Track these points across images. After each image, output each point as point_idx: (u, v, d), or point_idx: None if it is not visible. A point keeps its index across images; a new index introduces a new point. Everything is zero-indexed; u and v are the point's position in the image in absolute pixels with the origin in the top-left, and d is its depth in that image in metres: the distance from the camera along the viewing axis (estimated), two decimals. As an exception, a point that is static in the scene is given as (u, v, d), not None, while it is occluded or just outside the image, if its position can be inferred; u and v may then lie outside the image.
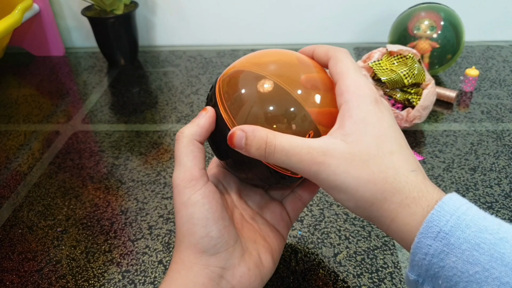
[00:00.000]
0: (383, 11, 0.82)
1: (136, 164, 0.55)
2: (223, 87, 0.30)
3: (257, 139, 0.27)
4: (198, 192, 0.29)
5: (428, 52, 0.66)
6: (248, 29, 0.87)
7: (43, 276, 0.40)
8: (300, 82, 0.29)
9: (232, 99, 0.29)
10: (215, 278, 0.29)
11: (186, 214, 0.29)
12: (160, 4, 0.85)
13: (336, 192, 0.26)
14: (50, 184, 0.52)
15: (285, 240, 0.35)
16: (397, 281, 0.38)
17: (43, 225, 0.46)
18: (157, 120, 0.64)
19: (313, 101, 0.29)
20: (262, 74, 0.29)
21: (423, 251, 0.23)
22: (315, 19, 0.84)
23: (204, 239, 0.29)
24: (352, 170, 0.25)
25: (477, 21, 0.81)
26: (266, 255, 0.32)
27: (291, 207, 0.36)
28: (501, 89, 0.67)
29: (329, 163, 0.25)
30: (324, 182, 0.26)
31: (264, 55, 0.32)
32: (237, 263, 0.30)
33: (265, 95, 0.28)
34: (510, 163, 0.51)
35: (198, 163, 0.29)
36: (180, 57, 0.84)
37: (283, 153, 0.26)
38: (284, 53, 0.32)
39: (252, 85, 0.29)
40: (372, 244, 0.42)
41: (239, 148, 0.27)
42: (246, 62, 0.31)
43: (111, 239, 0.44)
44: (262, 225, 0.34)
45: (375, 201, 0.26)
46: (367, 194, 0.25)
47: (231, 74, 0.31)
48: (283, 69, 0.30)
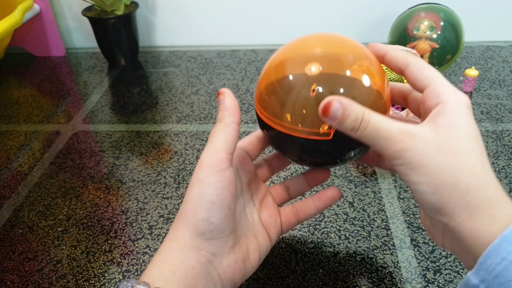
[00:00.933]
0: (382, 12, 0.82)
1: (136, 164, 0.55)
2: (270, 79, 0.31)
3: (355, 112, 0.27)
4: (216, 174, 0.29)
5: (427, 53, 0.66)
6: (248, 30, 0.87)
7: (44, 276, 0.40)
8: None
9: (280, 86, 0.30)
10: (204, 263, 0.30)
11: (197, 191, 0.29)
12: (160, 4, 0.85)
13: (416, 173, 0.26)
14: (51, 184, 0.52)
15: (272, 244, 0.35)
16: (397, 281, 0.38)
17: (44, 225, 0.46)
18: (157, 120, 0.64)
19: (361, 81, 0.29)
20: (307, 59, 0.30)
21: (500, 256, 0.22)
22: (315, 20, 0.85)
23: (204, 222, 0.29)
24: (439, 155, 0.25)
25: (477, 21, 0.81)
26: (254, 252, 0.33)
27: (285, 218, 0.36)
28: (500, 90, 0.67)
29: (417, 144, 0.26)
30: (407, 161, 0.26)
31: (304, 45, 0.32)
32: (226, 252, 0.31)
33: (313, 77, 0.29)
34: (509, 163, 0.51)
35: (228, 146, 0.30)
36: (181, 57, 0.84)
37: (374, 127, 0.26)
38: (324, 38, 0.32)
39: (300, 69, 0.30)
40: (372, 244, 0.42)
41: (331, 118, 0.27)
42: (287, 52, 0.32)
43: (112, 239, 0.44)
44: (257, 223, 0.35)
45: (455, 190, 0.25)
46: (450, 180, 0.25)
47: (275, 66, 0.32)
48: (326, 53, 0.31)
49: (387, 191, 0.48)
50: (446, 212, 0.26)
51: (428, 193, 0.26)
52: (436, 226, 0.29)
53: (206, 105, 0.67)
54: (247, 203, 0.35)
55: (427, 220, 0.30)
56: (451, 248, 0.28)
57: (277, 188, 0.38)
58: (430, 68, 0.29)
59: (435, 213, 0.27)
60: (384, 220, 0.44)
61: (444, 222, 0.26)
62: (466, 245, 0.25)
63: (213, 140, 0.30)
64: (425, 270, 0.39)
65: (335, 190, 0.36)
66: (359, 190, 0.49)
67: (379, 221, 0.44)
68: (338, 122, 0.27)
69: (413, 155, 0.26)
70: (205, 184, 0.29)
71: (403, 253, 0.41)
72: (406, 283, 0.38)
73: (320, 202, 0.36)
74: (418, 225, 0.44)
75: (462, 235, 0.25)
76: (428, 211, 0.28)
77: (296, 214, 0.36)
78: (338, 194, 0.36)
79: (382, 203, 0.47)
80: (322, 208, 0.36)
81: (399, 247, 0.41)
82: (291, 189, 0.38)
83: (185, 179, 0.52)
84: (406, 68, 0.30)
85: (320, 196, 0.36)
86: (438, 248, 0.41)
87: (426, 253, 0.41)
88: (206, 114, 0.65)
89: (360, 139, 0.27)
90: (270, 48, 0.85)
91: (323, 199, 0.36)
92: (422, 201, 0.27)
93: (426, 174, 0.26)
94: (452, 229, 0.26)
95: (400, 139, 0.26)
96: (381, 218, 0.45)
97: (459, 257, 0.28)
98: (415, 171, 0.26)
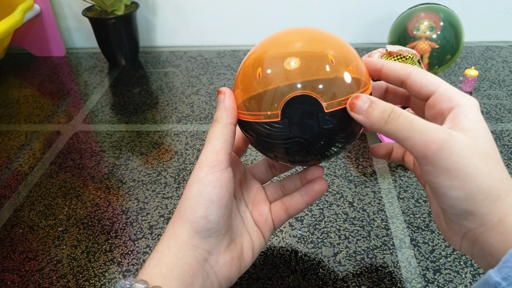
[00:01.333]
0: (382, 12, 0.82)
1: (136, 164, 0.55)
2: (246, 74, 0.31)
3: (383, 104, 0.27)
4: (215, 173, 0.29)
5: (427, 53, 0.66)
6: (248, 30, 0.87)
7: (44, 276, 0.40)
8: None
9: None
10: (201, 261, 0.30)
11: (196, 189, 0.30)
12: (160, 4, 0.86)
13: (450, 176, 0.25)
14: (51, 184, 0.52)
15: (266, 242, 0.36)
16: (397, 281, 0.38)
17: (44, 224, 0.46)
18: (157, 120, 0.64)
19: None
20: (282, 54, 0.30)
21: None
22: (315, 20, 0.85)
23: (202, 220, 0.29)
24: (475, 159, 0.25)
25: (477, 21, 0.82)
26: (248, 250, 0.34)
27: (276, 215, 0.36)
28: (500, 90, 0.67)
29: (454, 144, 0.25)
30: (443, 162, 0.25)
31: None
32: (222, 251, 0.31)
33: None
34: (509, 163, 0.51)
35: (226, 147, 0.30)
36: (181, 57, 0.84)
37: (407, 119, 0.26)
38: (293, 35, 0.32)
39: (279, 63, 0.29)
40: (371, 244, 0.42)
41: (358, 112, 0.27)
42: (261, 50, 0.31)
43: (112, 239, 0.44)
44: (250, 221, 0.35)
45: (488, 196, 0.25)
46: (484, 186, 0.25)
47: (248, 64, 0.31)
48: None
49: (387, 191, 0.48)
50: (477, 217, 0.26)
51: (461, 199, 0.26)
52: (455, 230, 0.28)
53: (206, 105, 0.67)
54: (239, 202, 0.35)
55: (443, 223, 0.30)
56: (469, 251, 0.28)
57: (272, 187, 0.38)
58: (433, 75, 0.30)
59: (462, 219, 0.27)
60: (384, 220, 0.45)
61: (471, 227, 0.26)
62: (492, 248, 0.26)
63: (212, 141, 0.30)
64: (425, 270, 0.39)
65: (321, 182, 0.36)
66: (359, 190, 0.49)
67: (379, 221, 0.44)
68: (365, 115, 0.27)
69: (449, 156, 0.25)
70: (205, 183, 0.29)
71: (403, 253, 0.41)
72: (406, 283, 0.38)
73: (308, 196, 0.36)
74: (417, 225, 0.44)
75: (490, 239, 0.26)
76: (453, 216, 0.27)
77: (285, 210, 0.36)
78: (324, 186, 0.36)
79: (382, 203, 0.47)
80: (311, 201, 0.36)
81: (399, 247, 0.42)
82: (286, 188, 0.38)
83: (185, 179, 0.52)
84: (408, 77, 0.30)
85: (307, 190, 0.36)
86: (437, 248, 0.41)
87: (426, 253, 0.41)
88: (206, 114, 0.65)
89: (391, 132, 0.26)
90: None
91: (310, 193, 0.36)
92: (451, 206, 0.26)
93: (462, 178, 0.25)
94: (479, 234, 0.26)
95: (436, 136, 0.25)
96: (381, 218, 0.45)
97: (477, 260, 0.28)
98: (449, 174, 0.25)
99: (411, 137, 0.26)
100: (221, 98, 0.31)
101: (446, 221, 0.29)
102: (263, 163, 0.38)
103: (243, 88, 0.31)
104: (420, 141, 0.26)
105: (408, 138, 0.26)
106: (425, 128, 0.26)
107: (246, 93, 0.30)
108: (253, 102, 0.30)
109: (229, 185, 0.30)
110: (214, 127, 0.31)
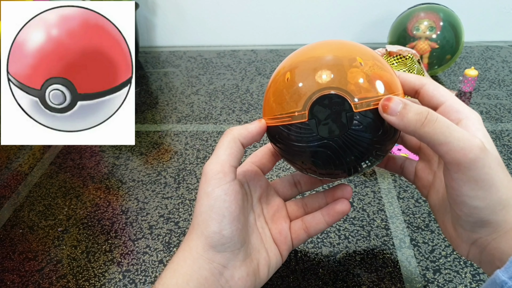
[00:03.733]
0: (382, 12, 0.82)
1: (136, 164, 0.55)
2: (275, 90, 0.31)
3: (417, 107, 0.26)
4: (222, 187, 0.29)
5: (427, 53, 0.66)
6: (248, 30, 0.87)
7: (44, 276, 0.40)
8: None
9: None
10: (216, 274, 0.30)
11: (207, 204, 0.30)
12: (160, 4, 0.85)
13: (477, 186, 0.26)
14: (51, 184, 0.52)
15: (283, 260, 0.35)
16: (397, 281, 0.38)
17: (44, 225, 0.46)
18: (157, 120, 0.64)
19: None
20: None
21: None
22: (315, 20, 0.85)
23: (216, 235, 0.29)
24: (500, 172, 0.26)
25: (476, 21, 0.82)
26: (264, 266, 0.33)
27: (295, 234, 0.36)
28: (500, 90, 0.67)
29: (486, 155, 0.25)
30: (475, 172, 0.25)
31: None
32: (238, 265, 0.31)
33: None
34: (509, 163, 0.51)
35: (232, 160, 0.30)
36: (181, 57, 0.84)
37: (445, 124, 0.26)
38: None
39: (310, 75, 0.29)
40: (371, 244, 0.42)
41: (391, 113, 0.27)
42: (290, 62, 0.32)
43: (112, 239, 0.44)
44: (268, 238, 0.35)
45: (506, 206, 0.26)
46: (504, 196, 0.26)
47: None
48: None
49: (387, 191, 0.48)
50: (492, 225, 0.27)
51: (481, 208, 0.26)
52: (464, 237, 0.29)
53: (206, 105, 0.67)
54: (257, 218, 0.35)
55: (452, 230, 0.30)
56: (477, 258, 0.29)
57: (294, 204, 0.37)
58: (444, 88, 0.30)
59: (477, 226, 0.27)
60: (383, 220, 0.45)
61: (483, 234, 0.27)
62: (502, 253, 0.26)
63: (218, 151, 0.31)
64: (425, 269, 0.39)
65: (344, 202, 0.35)
66: (359, 190, 0.49)
67: (378, 221, 0.44)
68: (399, 117, 0.26)
69: (482, 167, 0.25)
70: (213, 197, 0.29)
71: (403, 252, 0.41)
72: (406, 283, 0.38)
73: (329, 217, 0.35)
74: (417, 224, 0.44)
75: (501, 244, 0.26)
76: (467, 224, 0.28)
77: (306, 230, 0.36)
78: (347, 207, 0.35)
79: (381, 203, 0.47)
80: (332, 222, 0.36)
81: (398, 246, 0.42)
82: (309, 206, 0.37)
83: (185, 179, 0.52)
84: (422, 87, 0.31)
85: (329, 210, 0.35)
86: (437, 248, 0.41)
87: (425, 253, 0.41)
88: (206, 114, 0.65)
89: (427, 136, 0.26)
90: (270, 48, 0.85)
91: (332, 214, 0.35)
92: (468, 214, 0.27)
93: (487, 189, 0.26)
94: (491, 240, 0.27)
95: (472, 144, 0.25)
96: (381, 217, 0.45)
97: (485, 266, 0.29)
98: (476, 184, 0.26)
99: (448, 142, 0.25)
100: (254, 122, 0.31)
101: (455, 228, 0.30)
102: (287, 179, 0.38)
103: (271, 94, 0.31)
104: (457, 147, 0.25)
105: (445, 143, 0.26)
106: (462, 135, 0.26)
107: (274, 99, 0.30)
108: (280, 105, 0.30)
109: (238, 198, 0.30)
110: (225, 136, 0.31)
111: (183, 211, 0.47)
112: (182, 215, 0.47)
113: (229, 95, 0.69)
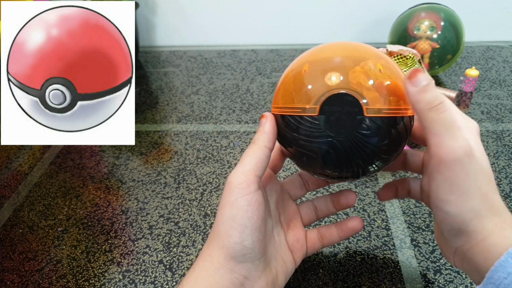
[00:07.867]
0: (383, 12, 0.82)
1: (136, 164, 0.55)
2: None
3: (437, 92, 0.26)
4: (246, 197, 0.29)
5: (428, 53, 0.66)
6: (249, 29, 0.87)
7: (44, 276, 0.40)
8: None
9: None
10: (237, 285, 0.30)
11: (229, 213, 0.29)
12: (160, 4, 0.85)
13: (451, 190, 0.26)
14: (51, 184, 0.52)
15: (296, 266, 0.35)
16: (397, 281, 0.38)
17: (44, 224, 0.46)
18: (157, 120, 0.64)
19: None
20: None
21: (507, 270, 0.24)
22: (315, 19, 0.85)
23: (237, 245, 0.29)
24: (480, 180, 0.26)
25: (477, 21, 0.81)
26: (282, 274, 0.33)
27: (311, 243, 0.36)
28: (501, 90, 0.67)
29: (472, 162, 0.26)
30: (451, 173, 0.26)
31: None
32: (258, 276, 0.31)
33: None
34: (510, 163, 0.51)
35: (257, 169, 0.30)
36: (181, 57, 0.84)
37: (450, 119, 0.26)
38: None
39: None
40: (372, 244, 0.42)
41: (414, 84, 0.26)
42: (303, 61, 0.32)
43: (112, 239, 0.44)
44: (283, 245, 0.35)
45: (477, 215, 0.26)
46: (477, 206, 0.26)
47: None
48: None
49: (387, 191, 0.48)
50: (464, 234, 0.27)
51: (452, 214, 0.26)
52: (448, 247, 0.29)
53: (206, 105, 0.67)
54: (275, 225, 0.34)
55: (441, 238, 0.30)
56: (461, 266, 0.29)
57: (305, 207, 0.38)
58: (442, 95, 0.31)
59: (452, 234, 0.27)
60: (384, 220, 0.44)
61: (459, 243, 0.27)
62: (477, 265, 0.26)
63: (243, 161, 0.30)
64: (425, 270, 0.39)
65: (357, 221, 0.36)
66: (359, 190, 0.49)
67: (379, 221, 0.44)
68: (419, 90, 0.26)
69: (460, 171, 0.26)
70: (236, 207, 0.29)
71: (403, 253, 0.41)
72: (406, 283, 0.38)
73: (342, 232, 0.36)
74: (418, 225, 0.44)
75: (475, 256, 0.26)
76: (445, 231, 0.28)
77: (321, 240, 0.36)
78: (359, 225, 0.36)
79: (382, 203, 0.47)
80: (344, 237, 0.37)
81: (399, 247, 0.41)
82: (319, 209, 0.37)
83: (185, 179, 0.52)
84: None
85: (341, 225, 0.36)
86: (438, 248, 0.41)
87: (426, 253, 0.41)
88: (206, 114, 0.65)
89: (428, 120, 0.26)
90: (270, 48, 0.85)
91: (344, 230, 0.36)
92: (442, 220, 0.27)
93: (459, 195, 0.26)
94: (466, 251, 0.27)
95: (461, 146, 0.25)
96: (381, 218, 0.45)
97: (469, 274, 0.29)
98: (451, 188, 0.26)
99: (441, 135, 0.26)
100: (262, 121, 0.31)
101: (441, 236, 0.30)
102: (297, 181, 0.38)
103: (288, 83, 0.31)
104: (446, 143, 0.26)
105: (439, 135, 0.26)
106: (456, 135, 0.26)
107: (291, 87, 0.30)
108: (296, 94, 0.29)
109: (260, 209, 0.30)
110: (250, 148, 0.31)
111: (183, 211, 0.47)
112: (182, 215, 0.46)
113: (229, 95, 0.69)
